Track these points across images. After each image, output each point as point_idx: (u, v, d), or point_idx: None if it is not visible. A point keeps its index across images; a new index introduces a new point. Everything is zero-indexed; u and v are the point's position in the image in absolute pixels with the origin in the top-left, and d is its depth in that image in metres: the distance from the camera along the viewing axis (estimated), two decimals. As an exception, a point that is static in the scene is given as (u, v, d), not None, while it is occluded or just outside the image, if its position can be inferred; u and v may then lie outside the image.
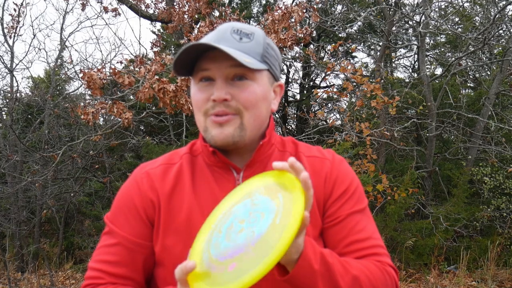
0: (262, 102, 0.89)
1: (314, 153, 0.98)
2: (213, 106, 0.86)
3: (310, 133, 5.51)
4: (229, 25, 0.88)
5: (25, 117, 7.26)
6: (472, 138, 6.38)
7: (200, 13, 5.96)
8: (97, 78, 4.67)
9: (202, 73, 0.87)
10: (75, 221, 6.77)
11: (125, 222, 0.91)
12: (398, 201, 5.30)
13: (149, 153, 5.50)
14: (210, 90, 0.86)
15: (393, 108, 5.16)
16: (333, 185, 0.93)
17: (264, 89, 0.89)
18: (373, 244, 0.90)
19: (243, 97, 0.85)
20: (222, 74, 0.85)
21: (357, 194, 0.94)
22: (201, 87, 0.88)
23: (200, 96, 0.88)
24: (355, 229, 0.90)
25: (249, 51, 0.86)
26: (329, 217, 0.91)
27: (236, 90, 0.86)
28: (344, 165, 0.98)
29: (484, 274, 5.20)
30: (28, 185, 5.86)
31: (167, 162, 0.97)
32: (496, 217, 5.96)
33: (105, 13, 6.84)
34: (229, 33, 0.86)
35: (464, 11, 7.29)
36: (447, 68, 6.21)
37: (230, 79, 0.86)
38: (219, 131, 0.86)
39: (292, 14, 5.01)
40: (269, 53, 0.90)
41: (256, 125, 0.89)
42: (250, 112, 0.87)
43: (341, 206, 0.92)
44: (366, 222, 0.92)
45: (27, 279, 5.51)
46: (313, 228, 0.90)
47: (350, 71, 5.47)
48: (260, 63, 0.87)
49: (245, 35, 0.87)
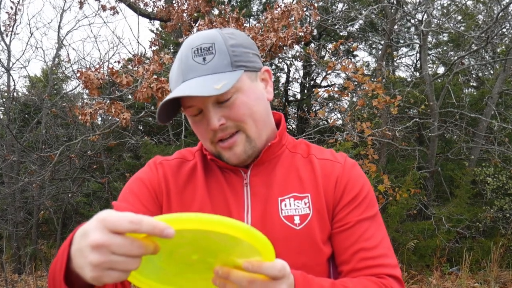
0: (255, 105, 0.88)
1: (326, 155, 0.97)
2: (214, 134, 0.88)
3: (311, 133, 5.48)
4: (188, 47, 0.87)
5: (22, 116, 7.24)
6: (475, 138, 6.37)
7: (199, 11, 5.93)
8: (94, 78, 4.65)
9: (190, 110, 0.88)
10: (73, 222, 6.78)
11: (135, 200, 0.91)
12: (400, 201, 5.28)
13: (148, 153, 5.48)
14: (204, 121, 0.88)
15: (394, 107, 5.14)
16: (343, 190, 0.92)
17: (251, 92, 0.88)
18: (380, 253, 0.88)
19: (235, 115, 0.86)
20: (207, 103, 0.86)
21: (367, 200, 0.93)
22: (195, 121, 0.90)
23: (199, 129, 0.90)
24: (363, 237, 0.89)
25: (217, 68, 0.84)
26: (337, 222, 0.91)
27: (226, 110, 0.86)
28: (356, 170, 0.96)
29: (487, 276, 5.18)
30: (25, 185, 5.88)
31: (183, 158, 1.00)
32: (499, 218, 5.94)
33: (103, 11, 6.82)
34: (191, 58, 0.85)
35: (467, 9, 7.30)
36: (449, 67, 6.21)
37: (217, 103, 0.86)
38: (231, 154, 0.89)
39: (292, 12, 4.98)
40: (237, 54, 0.87)
41: (261, 128, 0.90)
42: (249, 122, 0.88)
43: (350, 212, 0.91)
44: (375, 229, 0.91)
45: (24, 280, 5.54)
46: (322, 232, 0.89)
47: (351, 70, 5.45)
48: (233, 72, 0.85)
49: (206, 52, 0.85)
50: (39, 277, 5.75)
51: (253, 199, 0.91)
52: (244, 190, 0.92)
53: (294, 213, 0.89)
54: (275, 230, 0.87)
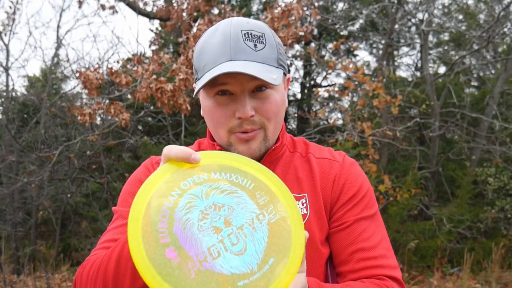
0: (282, 108, 0.88)
1: (324, 154, 0.96)
2: (239, 124, 0.84)
3: (311, 133, 5.48)
4: (237, 29, 0.83)
5: (20, 116, 7.20)
6: (476, 138, 6.38)
7: (199, 10, 5.92)
8: (93, 78, 4.64)
9: (221, 87, 0.83)
10: (72, 223, 6.78)
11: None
12: (401, 202, 5.28)
13: (147, 153, 5.48)
14: (231, 105, 0.83)
15: (395, 107, 5.15)
16: (341, 189, 0.91)
17: (282, 94, 0.89)
18: (379, 254, 0.87)
19: (266, 110, 0.84)
20: (244, 89, 0.82)
21: (366, 200, 0.91)
22: (220, 101, 0.84)
23: (221, 112, 0.85)
24: (361, 237, 0.87)
25: (267, 59, 0.82)
26: (335, 221, 0.90)
27: (259, 103, 0.84)
28: (355, 169, 0.95)
29: (488, 277, 5.17)
30: (24, 186, 5.85)
31: None
32: (500, 219, 5.92)
33: (103, 11, 6.79)
34: (242, 40, 0.82)
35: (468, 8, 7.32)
36: (450, 66, 6.22)
37: (251, 91, 0.83)
38: (245, 147, 0.86)
39: (292, 11, 4.96)
40: (281, 52, 0.87)
41: (277, 133, 0.90)
42: (273, 123, 0.86)
43: (348, 211, 0.89)
44: (373, 229, 0.89)
45: (23, 281, 5.50)
46: (320, 231, 0.88)
47: (352, 69, 5.47)
48: (278, 69, 0.84)
49: (257, 39, 0.83)
50: (38, 278, 5.73)
51: None
52: None
53: None
54: None
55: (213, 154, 0.72)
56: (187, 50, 4.49)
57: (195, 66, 0.88)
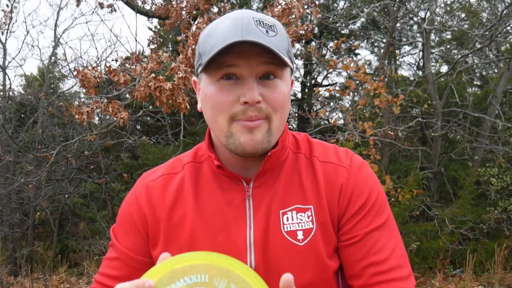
0: (288, 102, 0.83)
1: (329, 158, 0.89)
2: (244, 110, 0.76)
3: (312, 133, 5.44)
4: (248, 15, 0.78)
5: (18, 116, 7.23)
6: (479, 138, 6.35)
7: (198, 9, 5.87)
8: (91, 77, 4.61)
9: (228, 70, 0.76)
10: (69, 224, 6.79)
11: (125, 237, 0.90)
12: (402, 202, 5.25)
13: (146, 153, 5.48)
14: (237, 90, 0.77)
15: (397, 107, 5.11)
16: (349, 200, 0.84)
17: (288, 87, 0.83)
18: (392, 266, 0.82)
19: (273, 99, 0.78)
20: (253, 72, 0.76)
21: (376, 207, 0.85)
22: (224, 86, 0.77)
23: (224, 97, 0.77)
24: (373, 250, 0.82)
25: (277, 46, 0.76)
26: (344, 235, 0.84)
27: (267, 90, 0.78)
28: (363, 172, 0.88)
29: (491, 278, 5.15)
30: (21, 186, 5.85)
31: (169, 172, 0.91)
32: (503, 219, 5.89)
33: (101, 9, 6.74)
34: (254, 25, 0.76)
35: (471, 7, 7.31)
36: (453, 65, 6.21)
37: (258, 78, 0.77)
38: (249, 137, 0.78)
39: (292, 10, 4.92)
40: (290, 49, 0.83)
41: (281, 129, 0.83)
42: (278, 115, 0.80)
43: (357, 223, 0.84)
44: (386, 238, 0.84)
45: (20, 283, 5.53)
46: (327, 246, 0.83)
47: (353, 68, 5.44)
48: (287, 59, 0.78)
49: (269, 28, 0.77)
50: (35, 279, 5.73)
51: (255, 214, 0.83)
52: (246, 204, 0.84)
53: (297, 228, 0.82)
54: (277, 247, 0.81)
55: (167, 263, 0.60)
56: (186, 48, 4.44)
57: (200, 50, 0.81)
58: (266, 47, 0.73)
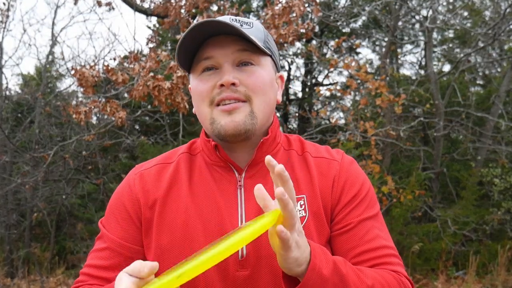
0: (270, 88, 0.87)
1: (321, 153, 0.93)
2: (219, 92, 0.83)
3: (313, 133, 5.47)
4: (226, 16, 0.86)
5: (14, 116, 7.20)
6: (482, 137, 6.39)
7: (198, 7, 5.84)
8: (89, 76, 4.61)
9: (205, 63, 0.85)
10: (67, 225, 6.80)
11: (116, 225, 0.90)
12: (404, 203, 5.27)
13: (145, 153, 5.48)
14: (215, 78, 0.84)
15: (399, 106, 5.14)
16: (341, 190, 0.88)
17: (270, 75, 0.88)
18: (385, 253, 0.85)
19: (251, 82, 0.84)
20: (229, 59, 0.83)
21: (368, 199, 0.89)
22: (204, 77, 0.85)
23: (204, 86, 0.85)
24: (365, 238, 0.85)
25: (251, 35, 0.83)
26: (337, 224, 0.87)
27: (244, 75, 0.84)
28: (354, 167, 0.93)
29: (494, 280, 5.17)
30: (18, 187, 5.81)
31: (163, 162, 0.95)
32: (506, 220, 5.91)
33: (99, 7, 6.71)
34: (229, 20, 0.83)
35: (473, 5, 7.39)
36: (455, 64, 6.24)
37: (235, 65, 0.84)
38: (229, 119, 0.83)
39: (293, 8, 4.90)
40: (270, 41, 0.90)
41: (266, 113, 0.87)
42: (260, 98, 0.84)
43: (350, 212, 0.87)
44: (378, 229, 0.87)
45: (17, 285, 5.50)
46: (319, 234, 0.86)
47: (354, 68, 5.49)
48: (264, 47, 0.86)
49: (244, 23, 0.86)
50: (32, 281, 5.72)
51: (247, 204, 0.85)
52: (237, 194, 0.86)
53: None
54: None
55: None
56: (185, 47, 4.40)
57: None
58: (238, 32, 0.79)
